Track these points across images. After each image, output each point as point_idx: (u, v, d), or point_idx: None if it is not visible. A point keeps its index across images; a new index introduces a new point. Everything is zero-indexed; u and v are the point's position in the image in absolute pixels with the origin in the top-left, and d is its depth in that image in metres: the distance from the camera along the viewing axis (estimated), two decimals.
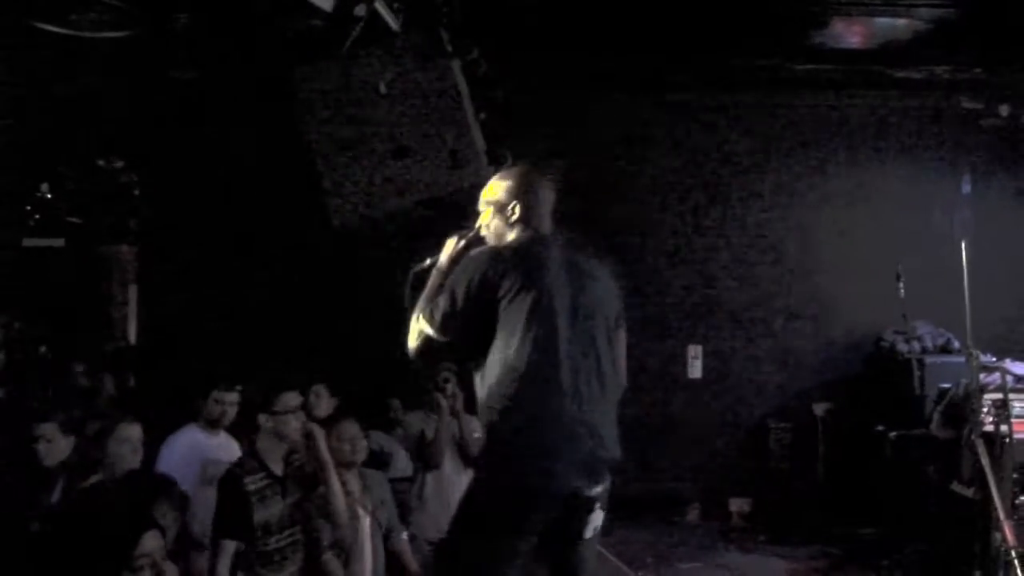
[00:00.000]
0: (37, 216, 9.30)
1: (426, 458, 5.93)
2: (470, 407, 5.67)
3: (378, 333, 3.63)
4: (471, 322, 3.35)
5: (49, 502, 4.21)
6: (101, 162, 9.26)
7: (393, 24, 5.66)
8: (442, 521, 5.60)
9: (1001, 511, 5.12)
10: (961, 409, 6.30)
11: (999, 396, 5.81)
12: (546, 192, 3.65)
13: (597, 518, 3.42)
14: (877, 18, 7.31)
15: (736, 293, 9.29)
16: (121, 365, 7.91)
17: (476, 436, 5.80)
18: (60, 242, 9.39)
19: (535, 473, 3.25)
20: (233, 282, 8.86)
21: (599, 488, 3.39)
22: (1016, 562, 4.87)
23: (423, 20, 5.79)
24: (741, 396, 9.25)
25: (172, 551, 3.81)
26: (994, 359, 6.59)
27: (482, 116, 6.10)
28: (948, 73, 8.59)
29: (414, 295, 3.59)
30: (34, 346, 8.10)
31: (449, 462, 5.94)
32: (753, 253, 9.29)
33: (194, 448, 5.27)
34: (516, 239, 3.53)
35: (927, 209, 9.06)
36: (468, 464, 5.89)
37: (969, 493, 5.90)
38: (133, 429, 4.36)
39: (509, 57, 7.37)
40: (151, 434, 5.35)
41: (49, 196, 9.23)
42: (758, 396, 9.23)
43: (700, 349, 9.27)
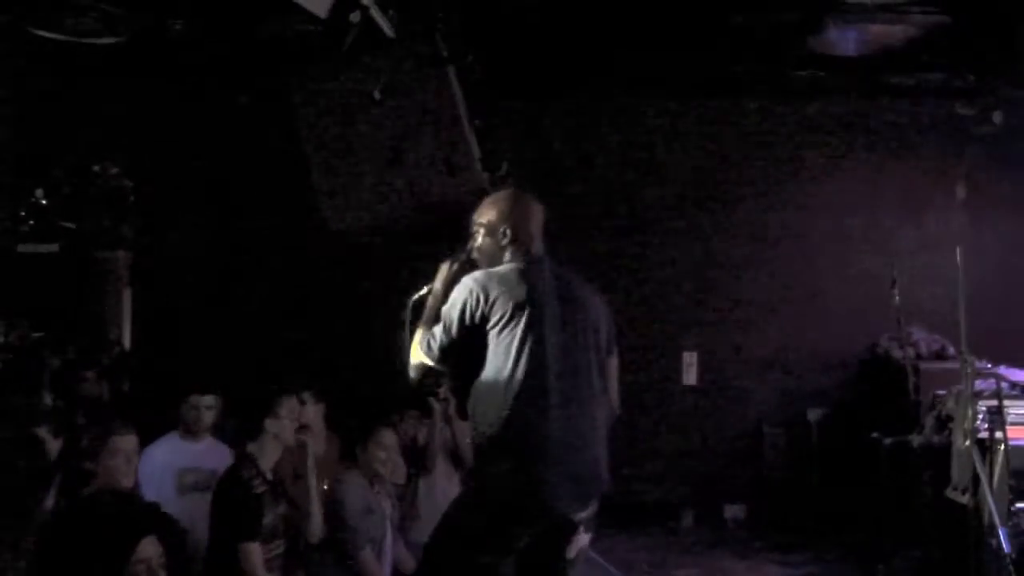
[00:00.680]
0: (31, 222, 9.28)
1: (419, 463, 5.92)
2: (463, 412, 5.67)
3: (375, 337, 3.63)
4: (466, 349, 3.37)
5: (43, 506, 4.19)
6: (96, 167, 9.24)
7: (388, 30, 5.67)
8: (434, 525, 5.60)
9: (996, 518, 5.12)
10: (955, 415, 6.30)
11: (994, 402, 5.80)
12: (537, 213, 3.67)
13: (582, 540, 3.46)
14: (872, 25, 7.32)
15: (732, 299, 9.29)
16: (116, 371, 7.89)
17: (468, 441, 5.79)
18: (54, 248, 9.36)
19: (522, 496, 3.28)
20: (229, 288, 8.85)
21: (586, 512, 3.42)
22: (1011, 569, 4.88)
23: (418, 26, 5.80)
24: (736, 402, 9.25)
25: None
26: (988, 365, 6.59)
27: (477, 122, 6.12)
28: (942, 80, 8.61)
29: (413, 326, 3.62)
30: (36, 351, 8.07)
31: (441, 467, 5.94)
32: (749, 259, 9.30)
33: (171, 457, 5.21)
34: (508, 263, 3.53)
35: (922, 215, 9.08)
36: (459, 468, 5.88)
37: (964, 500, 5.89)
38: (127, 440, 4.32)
39: (504, 63, 7.39)
40: (146, 442, 5.34)
41: (43, 201, 9.20)
42: (753, 402, 9.23)
43: (695, 355, 9.26)
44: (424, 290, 3.70)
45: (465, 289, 3.43)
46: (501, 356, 3.32)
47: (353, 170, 5.69)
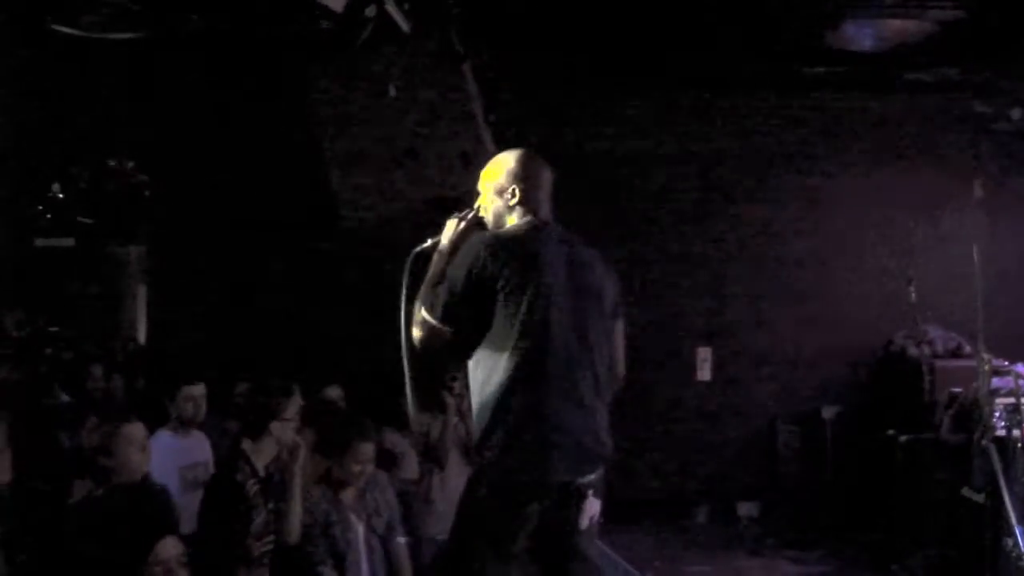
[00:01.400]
0: (48, 216, 9.35)
1: (432, 458, 5.91)
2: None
3: (392, 332, 3.60)
4: (471, 311, 3.35)
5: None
6: (112, 163, 9.30)
7: (403, 26, 5.68)
8: (448, 522, 5.59)
9: (1013, 516, 5.10)
10: (972, 413, 6.27)
11: (1011, 400, 5.78)
12: (546, 176, 3.59)
13: (592, 507, 3.42)
14: (888, 20, 7.29)
15: (745, 296, 9.26)
16: (131, 366, 7.93)
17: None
18: (71, 242, 9.43)
19: (527, 467, 3.26)
20: (243, 282, 8.87)
21: (591, 476, 3.39)
22: None
23: (433, 22, 5.80)
24: (750, 399, 9.23)
25: None
26: (1006, 363, 6.55)
27: (492, 117, 6.12)
28: (959, 76, 8.56)
29: (414, 279, 3.57)
30: (53, 344, 8.13)
31: (455, 463, 5.93)
32: (763, 255, 9.26)
33: (169, 454, 5.18)
34: (516, 225, 3.50)
35: (938, 213, 9.03)
36: (473, 464, 5.88)
37: (980, 498, 5.86)
38: (136, 428, 4.33)
39: (519, 58, 7.39)
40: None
41: (60, 196, 9.27)
42: (767, 399, 9.21)
43: (710, 352, 9.24)
44: (428, 243, 3.66)
45: (472, 250, 3.37)
46: (507, 323, 3.28)
47: (369, 165, 5.71)
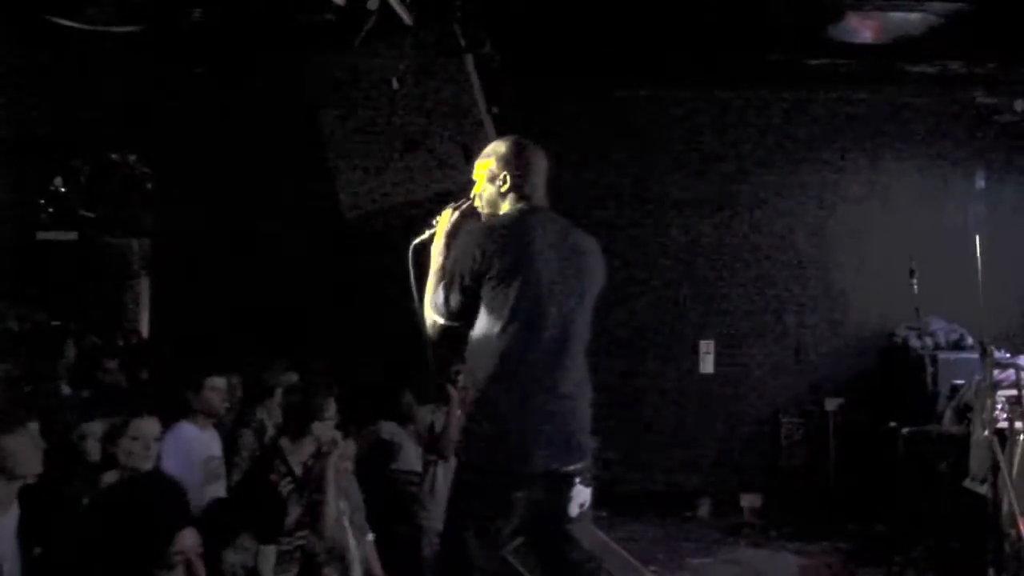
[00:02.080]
0: (51, 210, 9.35)
1: (435, 450, 5.92)
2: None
3: (393, 325, 3.62)
4: (473, 304, 3.37)
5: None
6: (114, 156, 9.30)
7: (406, 18, 5.67)
8: None
9: (1015, 508, 5.10)
10: (974, 406, 6.28)
11: (1013, 393, 5.79)
12: (539, 162, 3.59)
13: (581, 494, 3.42)
14: (891, 13, 7.27)
15: (748, 288, 9.26)
16: (133, 358, 7.94)
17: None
18: (73, 235, 9.44)
19: (511, 455, 3.28)
20: (246, 275, 8.87)
21: (577, 464, 3.40)
22: None
23: (436, 13, 5.79)
24: (753, 391, 9.23)
25: None
26: (1008, 355, 6.56)
27: (495, 110, 6.11)
28: (962, 68, 8.55)
29: (417, 268, 3.59)
30: (56, 337, 8.14)
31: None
32: (765, 248, 9.26)
33: (191, 446, 5.22)
34: (509, 212, 3.50)
35: (941, 204, 9.02)
36: None
37: (982, 490, 5.86)
38: (148, 424, 4.34)
39: (522, 51, 7.38)
40: (163, 426, 5.36)
41: (63, 190, 9.27)
42: (770, 391, 9.21)
43: (712, 344, 9.25)
44: (427, 233, 3.66)
45: (463, 244, 3.40)
46: (496, 311, 3.31)
47: (370, 158, 5.69)
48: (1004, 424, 5.77)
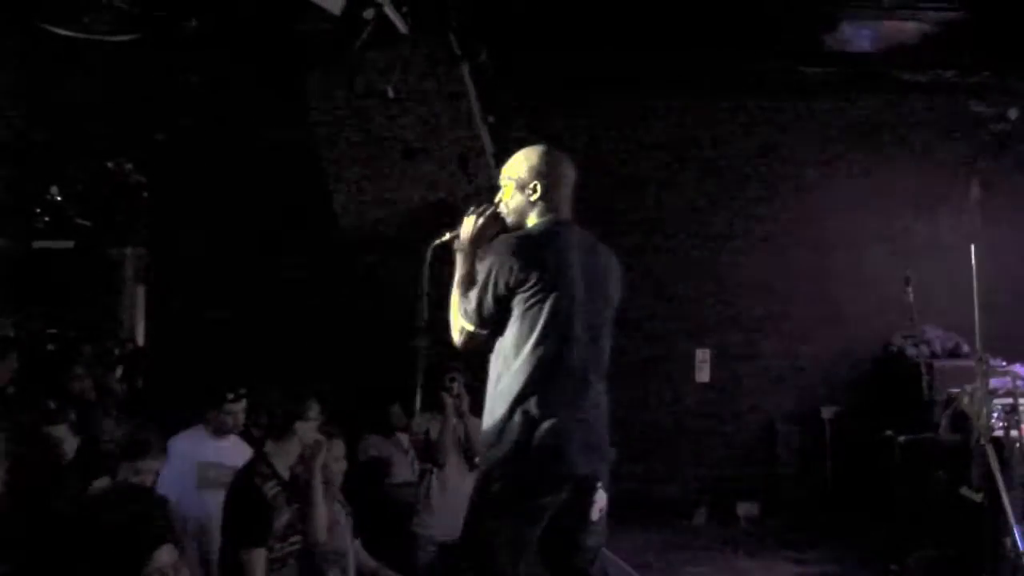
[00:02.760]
0: (46, 218, 9.32)
1: (431, 458, 5.92)
2: (476, 409, 5.67)
3: (385, 336, 3.63)
4: (504, 314, 3.39)
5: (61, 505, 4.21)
6: (110, 164, 9.28)
7: (401, 27, 5.68)
8: (447, 521, 5.59)
9: (1011, 516, 5.10)
10: (970, 414, 6.28)
11: (1009, 401, 5.79)
12: (568, 173, 3.60)
13: (601, 499, 3.48)
14: (886, 22, 7.30)
15: (744, 297, 9.27)
16: (130, 367, 7.92)
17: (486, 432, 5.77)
18: (69, 244, 9.41)
19: (545, 461, 3.31)
20: (241, 285, 8.87)
21: (599, 471, 3.46)
22: None
23: (431, 23, 5.81)
24: (749, 399, 9.24)
25: None
26: (1003, 363, 6.56)
27: (490, 119, 6.13)
28: (956, 76, 8.58)
29: (432, 270, 3.60)
30: (45, 345, 8.11)
31: (454, 463, 5.93)
32: (761, 256, 9.27)
33: (195, 449, 5.25)
34: (539, 225, 3.52)
35: (936, 213, 9.04)
36: (473, 466, 5.87)
37: (978, 498, 5.87)
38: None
39: (517, 59, 7.40)
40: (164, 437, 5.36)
41: (58, 198, 9.25)
42: (766, 400, 9.22)
43: (708, 353, 9.25)
44: (446, 236, 3.65)
45: (497, 255, 3.40)
46: (527, 322, 3.34)
47: (367, 166, 5.71)
48: (1000, 432, 5.78)
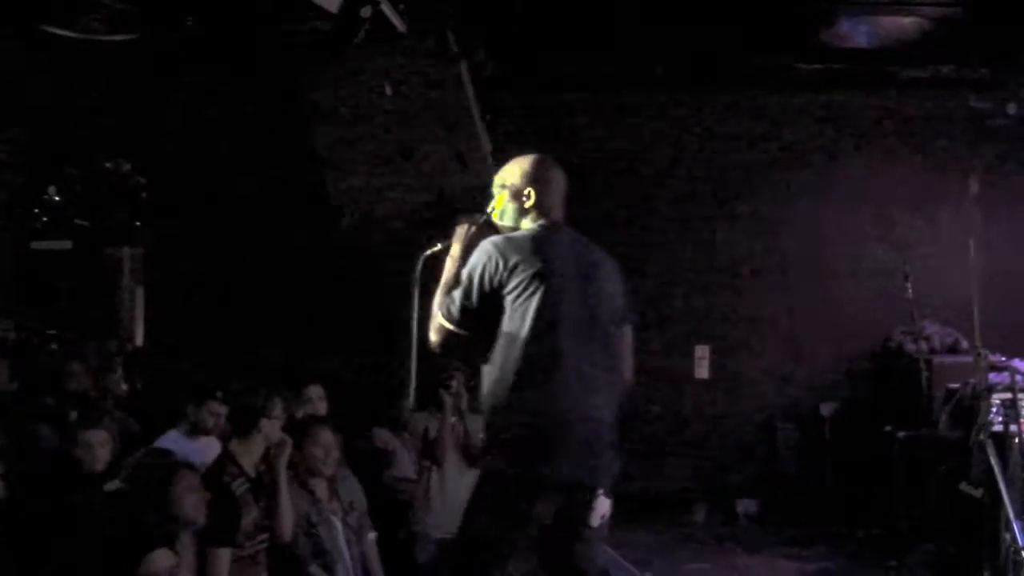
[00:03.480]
0: (45, 219, 9.32)
1: (430, 456, 5.92)
2: (475, 407, 5.67)
3: (388, 332, 3.62)
4: (486, 315, 3.37)
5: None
6: (108, 164, 9.28)
7: (400, 26, 5.68)
8: (445, 519, 5.60)
9: (1011, 512, 5.10)
10: (969, 409, 6.27)
11: (1008, 396, 5.78)
12: (560, 180, 3.65)
13: (603, 506, 3.46)
14: (884, 17, 7.30)
15: (742, 293, 9.27)
16: (128, 367, 7.91)
17: (481, 436, 5.78)
18: (68, 244, 9.42)
19: (537, 464, 3.28)
20: (240, 284, 8.87)
21: (602, 475, 3.41)
22: None
23: (429, 21, 5.81)
24: (748, 396, 9.23)
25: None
26: (1003, 359, 6.56)
27: (488, 117, 6.13)
28: (955, 72, 8.57)
29: (423, 280, 3.60)
30: (46, 347, 8.12)
31: (453, 461, 5.93)
32: (760, 252, 9.27)
33: (182, 455, 5.24)
34: (530, 228, 3.53)
35: (934, 209, 9.04)
36: (472, 464, 5.88)
37: (978, 494, 5.86)
38: (96, 435, 4.43)
39: (514, 57, 7.40)
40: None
41: (57, 198, 9.25)
42: (765, 396, 9.21)
43: (707, 349, 9.25)
44: (437, 246, 3.67)
45: (484, 253, 3.41)
46: (516, 323, 3.33)
47: (365, 164, 5.71)
48: (999, 428, 5.77)
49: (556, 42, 7.60)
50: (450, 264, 3.58)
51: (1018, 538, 4.99)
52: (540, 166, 3.62)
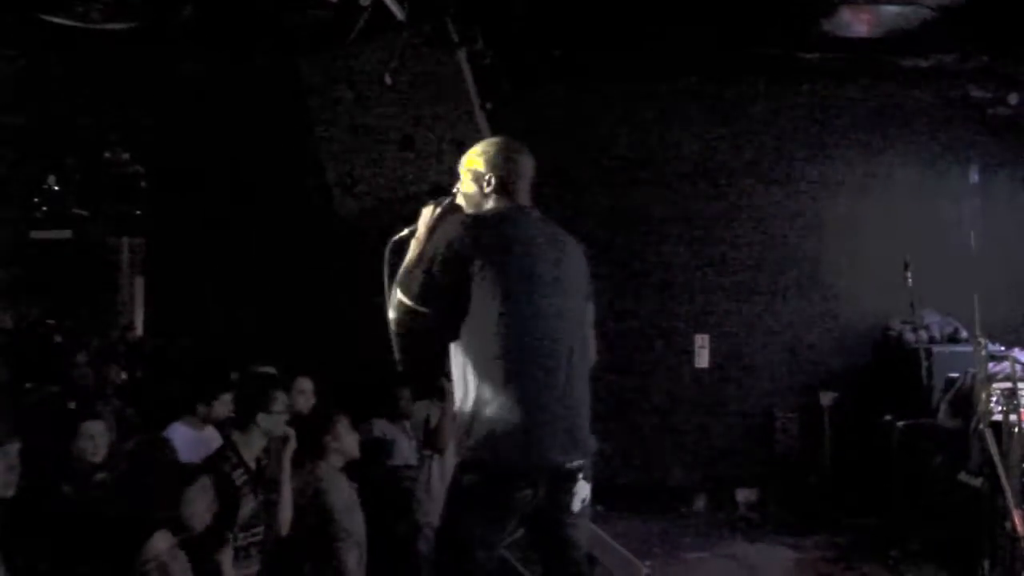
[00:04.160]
0: (44, 208, 9.33)
1: (431, 445, 5.93)
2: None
3: (386, 322, 3.60)
4: (448, 293, 3.34)
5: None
6: (107, 154, 9.27)
7: (399, 14, 5.66)
8: None
9: (1010, 500, 5.11)
10: (969, 399, 6.28)
11: (1007, 385, 5.78)
12: (525, 163, 3.59)
13: (583, 490, 3.41)
14: (884, 6, 7.27)
15: (743, 282, 9.27)
16: (129, 356, 7.93)
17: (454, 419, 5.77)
18: (67, 234, 9.43)
19: (517, 451, 3.25)
20: (240, 273, 8.86)
21: (580, 461, 3.38)
22: None
23: (429, 10, 5.79)
24: (748, 386, 9.24)
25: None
26: (1002, 348, 6.57)
27: (488, 106, 6.11)
28: (956, 62, 8.55)
29: (392, 267, 3.58)
30: (48, 335, 8.14)
31: (453, 450, 5.93)
32: (760, 242, 9.27)
33: (190, 447, 5.26)
34: (493, 209, 3.51)
35: (935, 198, 9.03)
36: None
37: (977, 483, 5.88)
38: (95, 426, 4.44)
39: (514, 46, 7.38)
40: (158, 425, 5.37)
41: (56, 188, 9.25)
42: (765, 386, 9.22)
43: (707, 338, 9.25)
44: (405, 231, 3.66)
45: (449, 230, 3.38)
46: (486, 306, 3.29)
47: (364, 153, 5.69)
48: (999, 417, 5.78)
49: (555, 31, 7.58)
50: (415, 245, 3.54)
51: (1017, 526, 5.00)
52: (503, 150, 3.57)
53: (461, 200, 3.59)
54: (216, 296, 8.79)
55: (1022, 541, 4.97)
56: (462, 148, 5.19)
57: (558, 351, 3.35)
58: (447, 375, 5.84)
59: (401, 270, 3.48)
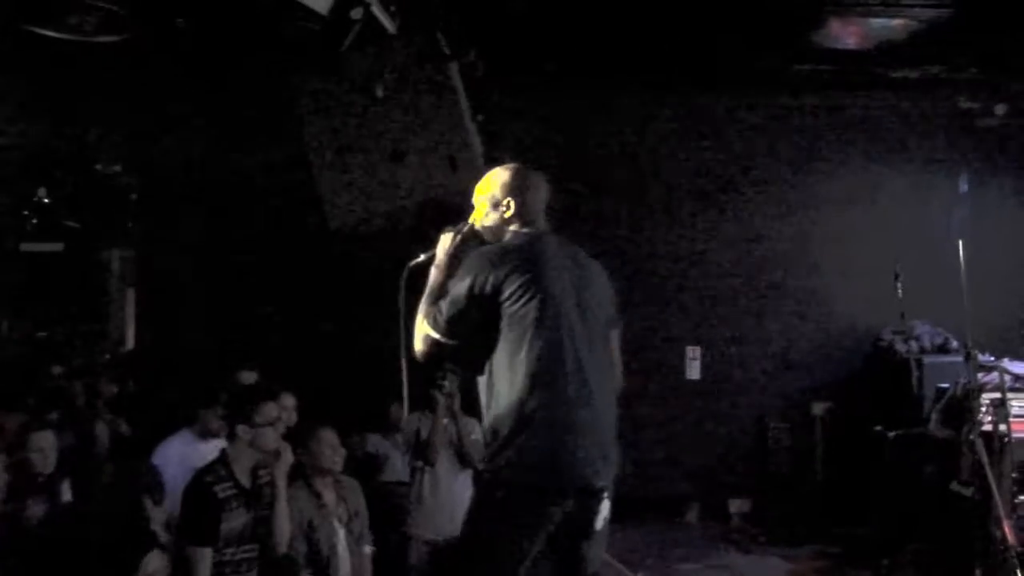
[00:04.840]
0: (35, 221, 9.31)
1: (422, 457, 5.92)
2: (468, 408, 5.67)
3: (379, 336, 3.62)
4: (476, 324, 3.36)
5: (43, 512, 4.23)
6: (99, 167, 9.26)
7: (389, 26, 5.66)
8: (438, 521, 5.60)
9: (1001, 510, 5.13)
10: (959, 409, 6.30)
11: (997, 395, 5.82)
12: (541, 188, 3.66)
13: (605, 508, 3.46)
14: (873, 18, 7.31)
15: (735, 293, 9.29)
16: (120, 369, 7.91)
17: (473, 438, 5.78)
18: (58, 246, 9.41)
19: (552, 471, 3.29)
20: (231, 287, 8.85)
21: (605, 480, 3.42)
22: (1015, 561, 4.88)
23: (419, 22, 5.79)
24: (740, 396, 9.25)
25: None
26: (992, 359, 6.59)
27: (480, 118, 6.11)
28: (944, 73, 8.59)
29: (408, 293, 3.59)
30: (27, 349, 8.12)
31: (445, 462, 5.92)
32: (751, 253, 9.29)
33: (187, 454, 5.27)
34: (516, 237, 3.54)
35: (925, 209, 9.06)
36: (465, 465, 5.88)
37: (968, 492, 5.89)
38: (44, 437, 4.46)
39: (506, 58, 7.38)
40: (151, 438, 5.37)
41: (47, 201, 9.23)
42: (757, 396, 9.23)
43: (699, 350, 9.26)
44: (421, 257, 3.68)
45: (475, 263, 3.42)
46: (518, 334, 3.32)
47: (355, 167, 5.68)
48: (989, 427, 5.80)
49: (548, 43, 7.60)
50: (435, 273, 3.58)
51: (1008, 536, 5.02)
52: (520, 175, 3.63)
53: (479, 227, 3.62)
54: (207, 309, 8.78)
55: (1012, 550, 4.99)
56: (454, 161, 5.21)
57: (586, 375, 3.39)
58: (439, 387, 5.88)
59: (424, 301, 3.51)
